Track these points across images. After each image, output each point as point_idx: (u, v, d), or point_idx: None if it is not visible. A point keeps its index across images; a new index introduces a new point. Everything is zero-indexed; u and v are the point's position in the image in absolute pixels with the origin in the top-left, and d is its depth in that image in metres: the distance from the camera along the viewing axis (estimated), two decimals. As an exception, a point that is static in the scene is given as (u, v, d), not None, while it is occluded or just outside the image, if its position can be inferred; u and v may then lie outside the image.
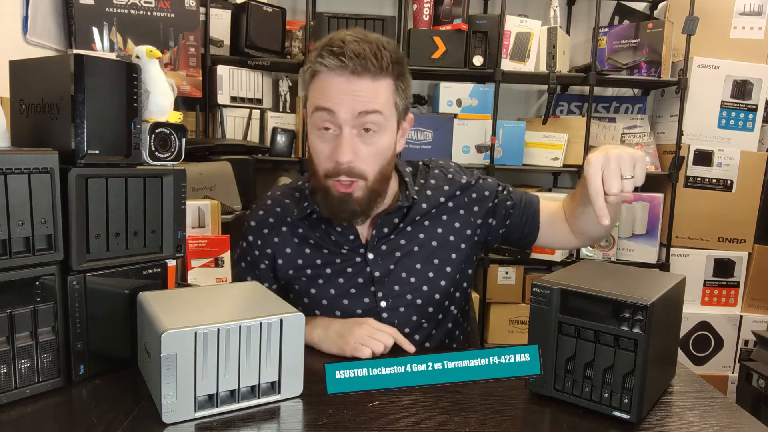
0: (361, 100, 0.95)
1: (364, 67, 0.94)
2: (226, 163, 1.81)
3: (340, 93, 0.95)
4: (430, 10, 2.26)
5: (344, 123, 0.97)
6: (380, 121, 0.98)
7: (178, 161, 0.93)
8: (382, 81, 0.97)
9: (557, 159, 2.34)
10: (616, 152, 0.90)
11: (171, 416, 0.72)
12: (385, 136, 1.01)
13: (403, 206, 1.09)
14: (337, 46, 0.95)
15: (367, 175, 1.00)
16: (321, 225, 1.10)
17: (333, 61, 0.95)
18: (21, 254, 0.76)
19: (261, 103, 2.36)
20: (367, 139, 0.99)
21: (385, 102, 0.98)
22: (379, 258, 1.09)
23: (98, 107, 0.81)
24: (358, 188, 1.01)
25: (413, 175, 1.15)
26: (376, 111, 0.97)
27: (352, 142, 0.97)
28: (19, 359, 0.77)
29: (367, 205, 1.03)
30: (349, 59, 0.94)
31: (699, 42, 2.33)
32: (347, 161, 0.97)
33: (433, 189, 1.14)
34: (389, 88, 0.99)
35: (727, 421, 0.78)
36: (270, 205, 1.15)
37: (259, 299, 0.87)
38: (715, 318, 2.41)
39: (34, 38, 1.75)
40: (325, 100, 0.97)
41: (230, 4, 2.24)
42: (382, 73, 0.97)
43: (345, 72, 0.95)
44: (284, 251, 1.12)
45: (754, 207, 2.40)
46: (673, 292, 0.83)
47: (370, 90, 0.96)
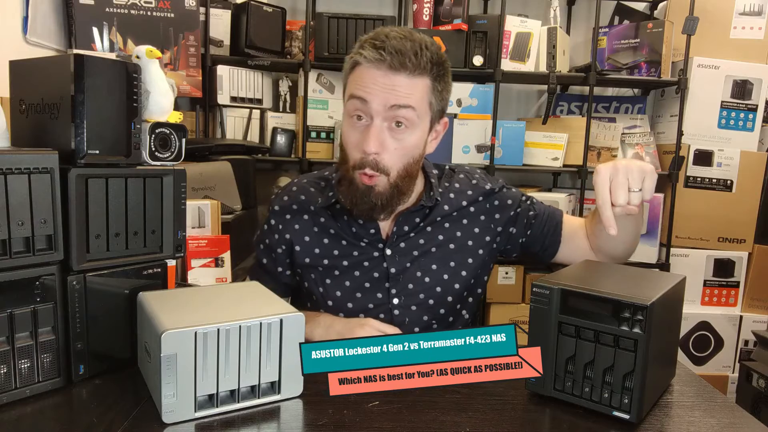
0: (395, 94, 0.97)
1: (402, 63, 0.96)
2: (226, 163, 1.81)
3: (375, 84, 0.97)
4: (430, 10, 2.26)
5: (376, 114, 0.98)
6: (412, 118, 0.99)
7: (178, 161, 0.93)
8: (419, 79, 0.98)
9: (557, 159, 2.34)
10: (625, 164, 0.91)
11: (171, 416, 0.72)
12: (415, 133, 1.01)
13: (426, 206, 1.10)
14: (380, 40, 0.97)
15: (390, 170, 1.01)
16: (343, 216, 1.10)
17: (373, 54, 0.96)
18: (21, 254, 0.76)
19: (261, 103, 2.36)
20: (396, 134, 0.99)
21: (419, 100, 0.99)
22: (397, 255, 1.10)
23: (98, 107, 0.81)
24: (380, 183, 1.01)
25: (439, 178, 1.16)
26: (409, 106, 0.98)
27: (381, 134, 0.98)
28: (19, 359, 0.77)
29: (387, 201, 1.03)
30: (389, 54, 0.95)
31: (699, 42, 2.33)
32: (373, 151, 0.98)
33: (456, 192, 1.14)
34: (426, 87, 1.00)
35: (727, 421, 0.78)
36: (295, 191, 1.16)
37: (259, 299, 0.87)
38: (715, 318, 2.41)
39: (34, 38, 1.75)
40: (361, 89, 0.98)
41: (230, 4, 2.24)
42: (420, 72, 0.98)
43: (383, 66, 0.96)
44: (303, 239, 1.12)
45: (754, 207, 2.40)
46: (673, 292, 0.83)
47: (405, 86, 0.97)
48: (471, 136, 2.31)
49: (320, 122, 2.32)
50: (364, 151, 0.99)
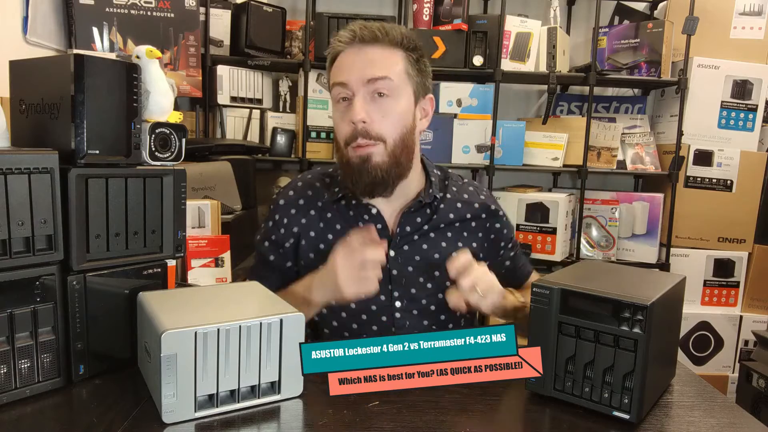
0: (371, 67, 1.01)
1: (372, 35, 1.01)
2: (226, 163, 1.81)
3: (351, 63, 1.02)
4: (430, 10, 2.26)
5: (356, 90, 1.01)
6: (391, 86, 1.02)
7: (178, 161, 0.93)
8: (393, 51, 1.03)
9: (557, 159, 2.34)
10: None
11: (171, 416, 0.72)
12: (400, 102, 1.03)
13: (425, 202, 1.11)
14: (351, 28, 1.04)
15: (385, 137, 1.02)
16: (349, 211, 1.11)
17: (346, 35, 1.03)
18: (21, 254, 0.76)
19: (261, 103, 2.36)
20: (380, 103, 1.02)
21: (396, 72, 1.02)
22: (400, 257, 1.10)
23: (98, 107, 0.81)
24: (377, 153, 1.02)
25: (442, 180, 1.17)
26: (385, 77, 1.01)
27: (364, 104, 1.01)
28: (19, 359, 0.77)
29: (386, 172, 1.03)
30: (360, 30, 1.02)
31: (699, 42, 2.33)
32: (360, 119, 1.00)
33: (463, 203, 1.16)
34: (401, 58, 1.04)
35: (727, 421, 0.78)
36: (300, 186, 1.16)
37: (259, 299, 0.87)
38: (715, 318, 2.41)
39: (34, 38, 1.75)
40: (340, 74, 1.03)
41: (230, 4, 2.24)
42: (393, 44, 1.03)
43: (355, 42, 1.02)
44: (309, 234, 1.12)
45: (754, 207, 2.40)
46: (673, 292, 0.83)
47: (379, 56, 1.02)
48: (471, 136, 2.31)
49: (320, 122, 2.32)
50: (351, 121, 1.01)
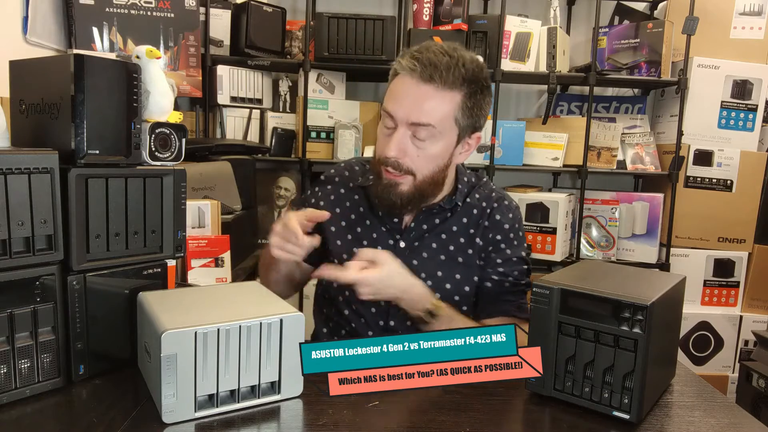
0: (417, 111, 1.01)
1: (431, 75, 0.99)
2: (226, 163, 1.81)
3: (403, 96, 1.02)
4: (430, 10, 2.26)
5: (400, 123, 1.03)
6: (433, 134, 1.03)
7: (178, 161, 0.93)
8: (447, 94, 1.01)
9: (557, 159, 2.34)
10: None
11: (171, 416, 0.72)
12: (437, 145, 1.05)
13: (445, 208, 1.14)
14: (420, 51, 1.02)
15: (416, 172, 1.06)
16: (375, 199, 1.14)
17: (408, 63, 1.01)
18: (21, 254, 0.76)
19: (261, 103, 2.35)
20: (418, 143, 1.04)
21: (441, 117, 1.02)
22: (408, 250, 1.13)
23: (98, 107, 0.81)
24: (406, 182, 1.06)
25: (471, 187, 1.18)
26: (428, 125, 1.01)
27: (402, 142, 1.03)
28: (19, 359, 0.77)
29: (408, 201, 1.08)
30: (422, 65, 0.99)
31: (699, 42, 2.33)
32: (393, 156, 1.04)
33: (480, 209, 1.16)
34: (453, 103, 1.02)
35: (727, 421, 0.78)
36: (342, 167, 1.24)
37: (259, 299, 0.87)
38: (715, 318, 2.41)
39: (34, 38, 1.74)
40: (390, 102, 1.04)
41: (230, 4, 2.24)
42: (449, 87, 1.00)
43: (415, 75, 1.01)
44: (335, 209, 1.18)
45: (754, 207, 2.40)
46: (673, 292, 0.83)
47: (430, 99, 1.00)
48: (471, 136, 2.31)
49: (320, 122, 2.32)
50: (385, 156, 1.04)
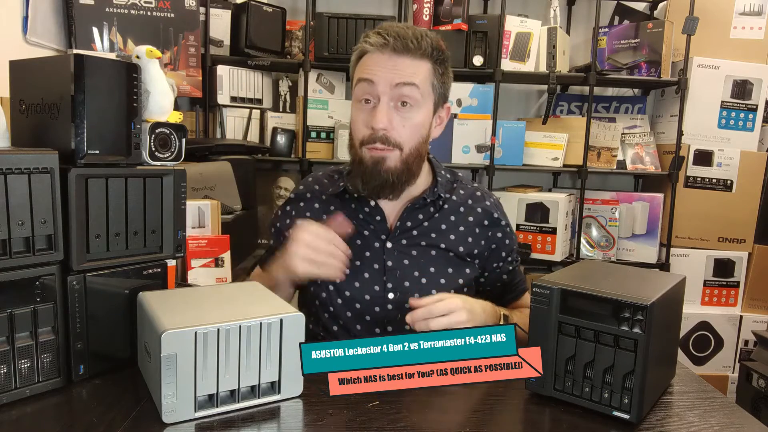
0: (400, 73, 1.03)
1: (404, 46, 1.03)
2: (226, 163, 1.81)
3: (381, 67, 1.04)
4: (430, 10, 2.26)
5: (382, 94, 1.04)
6: (416, 96, 1.04)
7: (178, 161, 0.93)
8: (421, 62, 1.05)
9: (557, 159, 2.34)
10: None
11: (171, 416, 0.72)
12: (421, 112, 1.06)
13: (429, 200, 1.14)
14: (384, 29, 1.06)
15: (403, 145, 1.06)
16: (352, 204, 1.15)
17: (378, 39, 1.04)
18: (21, 254, 0.76)
19: (261, 103, 2.35)
20: (403, 113, 1.05)
21: (422, 80, 1.05)
22: (396, 250, 1.12)
23: (98, 107, 0.81)
24: (393, 158, 1.06)
25: (450, 182, 1.19)
26: (413, 84, 1.03)
27: (388, 112, 1.04)
28: (19, 359, 0.77)
29: (397, 177, 1.07)
30: (392, 38, 1.03)
31: (699, 42, 2.33)
32: (381, 127, 1.03)
33: (467, 207, 1.17)
34: (428, 69, 1.06)
35: (727, 421, 0.78)
36: (310, 182, 1.24)
37: (259, 299, 0.87)
38: (715, 318, 2.41)
39: (34, 38, 1.75)
40: (368, 72, 1.05)
41: (230, 4, 2.24)
42: (422, 55, 1.05)
43: (386, 49, 1.04)
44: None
45: (754, 207, 2.40)
46: (673, 292, 0.83)
47: (408, 66, 1.04)
48: (471, 136, 2.31)
49: (320, 122, 2.32)
50: (373, 127, 1.04)
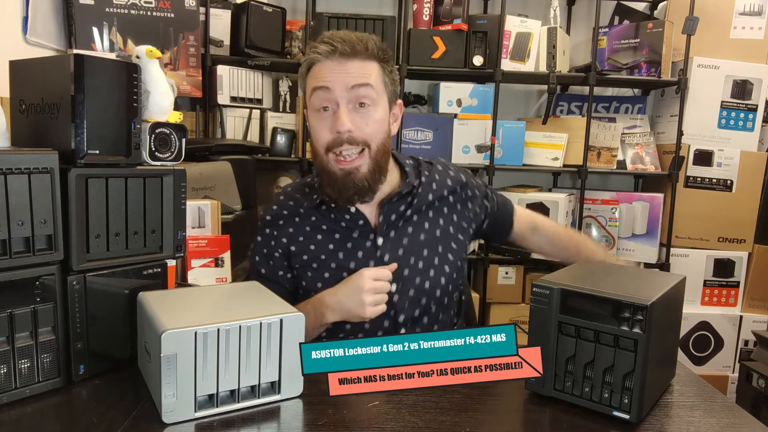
0: (353, 76, 1.05)
1: (352, 49, 1.05)
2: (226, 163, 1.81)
3: (333, 73, 1.06)
4: (430, 10, 2.26)
5: (340, 98, 1.05)
6: (372, 95, 1.07)
7: (178, 161, 0.93)
8: (370, 62, 1.08)
9: (557, 159, 2.34)
10: None
11: (171, 416, 0.72)
12: (378, 110, 1.09)
13: (405, 192, 1.15)
14: (327, 37, 1.08)
15: (370, 142, 1.07)
16: (331, 214, 1.15)
17: (325, 47, 1.06)
18: (21, 254, 0.76)
19: (261, 103, 2.35)
20: (362, 113, 1.07)
21: (375, 79, 1.08)
22: (388, 243, 1.14)
23: (98, 107, 0.81)
24: (363, 162, 1.07)
25: (415, 168, 1.22)
26: (367, 84, 1.06)
27: (350, 114, 1.06)
28: (19, 359, 0.77)
29: (371, 179, 1.08)
30: (338, 43, 1.05)
31: (699, 42, 2.33)
32: (346, 129, 1.04)
33: (437, 183, 1.21)
34: (377, 69, 1.09)
35: (727, 421, 0.78)
36: (283, 200, 1.21)
37: (259, 299, 0.87)
38: (715, 318, 2.41)
39: (34, 38, 1.74)
40: (321, 80, 1.06)
41: (230, 4, 2.24)
42: (369, 56, 1.07)
43: (335, 55, 1.05)
44: (298, 239, 1.16)
45: (754, 207, 2.40)
46: (673, 292, 0.83)
47: (359, 68, 1.06)
48: (471, 136, 2.31)
49: (320, 122, 2.32)
50: (338, 131, 1.05)
